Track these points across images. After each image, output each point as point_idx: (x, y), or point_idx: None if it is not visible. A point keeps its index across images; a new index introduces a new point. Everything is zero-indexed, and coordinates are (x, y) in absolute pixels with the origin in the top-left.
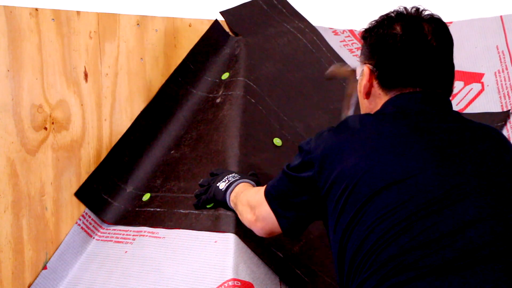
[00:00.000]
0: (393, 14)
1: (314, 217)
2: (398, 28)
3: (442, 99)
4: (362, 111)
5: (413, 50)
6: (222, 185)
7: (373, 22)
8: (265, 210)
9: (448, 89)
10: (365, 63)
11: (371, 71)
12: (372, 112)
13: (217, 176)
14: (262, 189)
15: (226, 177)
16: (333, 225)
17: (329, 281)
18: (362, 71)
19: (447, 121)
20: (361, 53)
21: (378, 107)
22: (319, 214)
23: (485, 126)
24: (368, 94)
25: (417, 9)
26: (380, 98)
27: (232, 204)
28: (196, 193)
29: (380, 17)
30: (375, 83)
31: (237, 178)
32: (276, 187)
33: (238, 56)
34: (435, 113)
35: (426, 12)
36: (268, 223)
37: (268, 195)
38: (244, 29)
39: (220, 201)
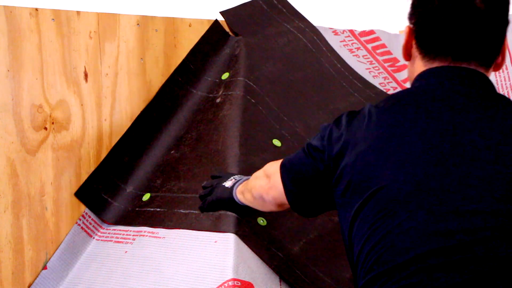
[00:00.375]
0: None
1: (324, 202)
2: None
3: (475, 75)
4: (408, 75)
5: (452, 12)
6: (228, 183)
7: None
8: (279, 179)
9: (488, 61)
10: (408, 24)
11: (411, 31)
12: (413, 76)
13: (221, 178)
14: (279, 161)
15: (232, 177)
16: (340, 220)
17: (329, 281)
18: (405, 31)
19: (471, 106)
20: (408, 13)
21: (416, 73)
22: (330, 202)
23: None
24: (409, 55)
25: None
26: (418, 62)
27: (239, 194)
28: (200, 194)
29: None
30: (414, 44)
31: (242, 177)
32: (291, 160)
33: (238, 56)
34: (460, 94)
35: None
36: (282, 193)
37: (282, 166)
38: (244, 29)
39: (226, 200)
